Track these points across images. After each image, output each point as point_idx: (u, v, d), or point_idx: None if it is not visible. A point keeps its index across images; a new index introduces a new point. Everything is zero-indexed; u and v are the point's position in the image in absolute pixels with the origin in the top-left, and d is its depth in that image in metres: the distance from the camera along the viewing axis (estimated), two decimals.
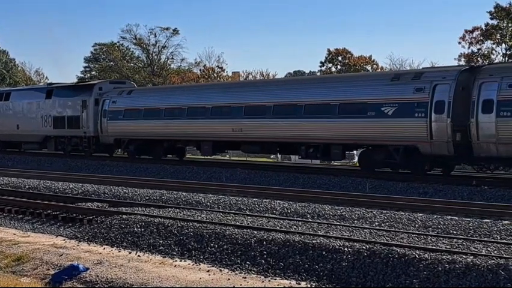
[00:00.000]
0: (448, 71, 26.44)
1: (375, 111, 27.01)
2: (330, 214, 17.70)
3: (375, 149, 28.21)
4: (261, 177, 29.19)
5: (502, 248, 12.80)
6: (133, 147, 39.20)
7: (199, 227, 15.49)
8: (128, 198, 21.79)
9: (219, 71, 79.83)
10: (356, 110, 27.77)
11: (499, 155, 24.05)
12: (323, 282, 12.06)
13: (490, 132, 23.84)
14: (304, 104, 29.72)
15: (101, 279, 12.50)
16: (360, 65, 73.47)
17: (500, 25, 61.45)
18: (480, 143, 24.21)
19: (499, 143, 23.66)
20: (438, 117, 25.22)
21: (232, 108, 32.98)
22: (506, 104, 23.39)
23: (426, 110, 25.46)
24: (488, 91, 23.98)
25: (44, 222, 19.19)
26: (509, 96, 23.36)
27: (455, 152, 25.07)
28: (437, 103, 25.23)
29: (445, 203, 19.96)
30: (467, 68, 27.15)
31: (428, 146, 25.63)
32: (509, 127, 23.41)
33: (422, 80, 26.22)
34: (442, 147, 25.23)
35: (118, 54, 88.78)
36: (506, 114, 23.36)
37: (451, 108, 24.89)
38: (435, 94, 25.31)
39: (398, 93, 26.65)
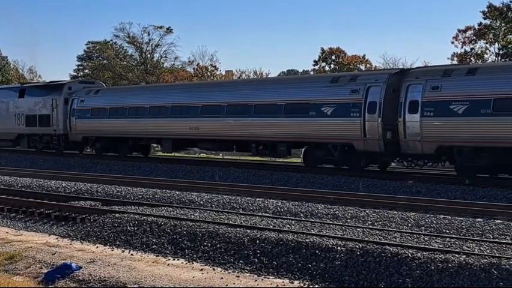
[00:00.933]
0: (380, 74, 28.70)
1: (316, 111, 28.78)
2: (323, 213, 17.72)
3: (317, 147, 29.78)
4: (254, 176, 29.20)
5: (495, 247, 12.85)
6: (99, 145, 40.75)
7: (193, 226, 15.49)
8: (121, 197, 21.76)
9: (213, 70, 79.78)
10: (300, 110, 29.50)
11: (424, 152, 25.86)
12: (316, 281, 12.07)
13: (416, 131, 25.65)
14: (254, 104, 31.52)
15: (94, 278, 12.49)
16: (353, 64, 73.51)
17: (493, 25, 61.61)
18: (407, 141, 26.04)
19: (423, 141, 25.54)
20: (370, 117, 27.01)
21: (190, 108, 34.68)
22: (430, 104, 25.23)
23: (360, 110, 27.29)
24: (414, 93, 25.80)
25: (36, 221, 19.15)
26: (432, 97, 25.21)
27: (385, 149, 26.95)
28: (369, 104, 27.05)
29: (438, 202, 20.01)
30: (398, 71, 29.08)
31: (362, 143, 27.45)
32: (432, 126, 25.24)
33: (358, 82, 28.13)
34: (374, 144, 27.04)
35: (111, 52, 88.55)
36: (430, 114, 25.18)
37: (381, 108, 26.77)
38: (369, 95, 27.17)
39: (336, 94, 28.49)
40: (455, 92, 24.88)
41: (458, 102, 24.59)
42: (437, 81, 25.46)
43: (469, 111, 24.26)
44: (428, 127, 25.30)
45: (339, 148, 28.50)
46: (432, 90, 25.37)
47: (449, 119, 24.80)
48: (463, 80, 25.05)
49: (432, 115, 25.18)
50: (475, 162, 24.68)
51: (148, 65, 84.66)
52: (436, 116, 25.14)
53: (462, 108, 24.47)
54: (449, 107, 24.75)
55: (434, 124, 25.23)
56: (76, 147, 42.86)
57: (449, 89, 25.07)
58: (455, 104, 24.61)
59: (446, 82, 25.30)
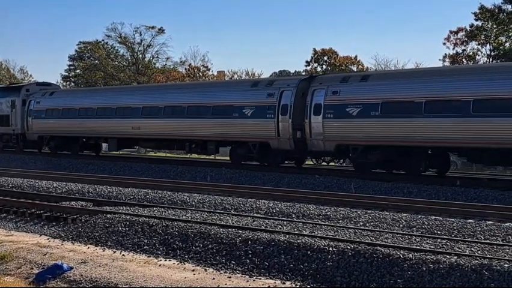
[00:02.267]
0: (292, 80, 32.42)
1: (239, 112, 31.84)
2: (315, 214, 17.74)
3: (240, 145, 32.75)
4: (246, 176, 29.20)
5: (486, 248, 12.88)
6: (53, 144, 43.63)
7: (184, 227, 15.47)
8: (112, 198, 21.72)
9: (204, 70, 79.81)
10: (225, 111, 32.59)
11: (326, 150, 29.10)
12: (308, 281, 12.08)
13: (319, 131, 28.83)
14: (187, 105, 34.64)
15: (86, 279, 12.46)
16: (345, 65, 73.63)
17: (485, 26, 61.83)
18: (312, 140, 29.26)
19: (325, 140, 28.73)
20: (283, 118, 30.14)
21: (132, 109, 37.66)
22: (330, 107, 28.36)
23: (274, 112, 30.41)
24: (318, 97, 28.98)
25: (27, 221, 19.08)
26: (332, 101, 28.37)
27: (295, 147, 30.05)
28: (282, 106, 30.16)
29: (429, 203, 20.05)
30: (307, 77, 32.53)
31: (276, 142, 30.58)
32: (332, 127, 28.36)
33: (273, 87, 31.27)
34: (286, 143, 30.20)
35: (103, 52, 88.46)
36: (330, 116, 28.31)
37: (292, 110, 29.86)
38: (282, 99, 30.31)
39: (255, 97, 31.57)
40: (351, 96, 27.90)
41: (353, 106, 27.60)
42: (336, 87, 28.58)
43: (362, 114, 27.25)
44: (329, 127, 28.42)
45: (257, 146, 31.40)
46: (332, 94, 28.47)
47: (346, 120, 27.85)
48: (357, 85, 28.10)
49: (332, 117, 28.25)
50: (367, 159, 27.54)
51: (140, 65, 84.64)
52: (335, 117, 28.15)
53: (356, 111, 27.51)
54: (345, 109, 27.78)
55: (334, 125, 28.29)
56: (34, 146, 45.24)
57: (346, 93, 28.09)
58: (350, 107, 27.65)
59: (343, 87, 28.40)
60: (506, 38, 62.80)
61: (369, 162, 27.58)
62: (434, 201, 20.87)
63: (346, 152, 28.92)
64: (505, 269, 11.06)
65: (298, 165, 32.46)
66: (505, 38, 62.80)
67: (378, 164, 27.62)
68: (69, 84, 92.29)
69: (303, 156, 31.82)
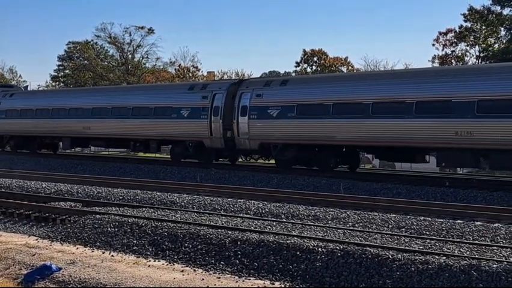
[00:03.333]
0: (223, 83, 35.17)
1: (177, 113, 34.38)
2: (305, 214, 17.75)
3: (178, 144, 35.45)
4: (235, 177, 29.21)
5: (475, 248, 12.93)
6: (13, 143, 46.23)
7: (174, 227, 15.44)
8: (101, 198, 21.66)
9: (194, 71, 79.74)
10: (165, 112, 35.16)
11: (251, 148, 31.82)
12: (297, 282, 12.08)
13: (245, 131, 31.36)
14: (132, 107, 37.17)
15: (74, 279, 12.41)
16: (335, 66, 73.72)
17: (474, 27, 62.10)
18: (239, 139, 31.79)
19: (250, 139, 31.31)
20: (215, 119, 32.66)
21: (84, 110, 40.19)
22: (254, 109, 30.95)
23: (208, 113, 32.97)
24: (244, 99, 31.57)
25: (16, 222, 18.99)
26: (256, 103, 30.96)
27: (225, 145, 32.50)
28: (214, 108, 32.74)
29: (418, 203, 20.10)
30: (236, 81, 35.55)
31: (209, 141, 33.10)
32: (255, 127, 30.97)
33: (207, 90, 34.06)
34: (217, 142, 32.71)
35: (92, 52, 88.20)
36: (254, 116, 30.86)
37: (222, 112, 32.32)
38: (214, 101, 32.85)
39: (191, 100, 34.16)
40: (272, 99, 30.64)
41: (274, 107, 30.34)
42: (260, 90, 31.26)
43: (281, 115, 29.94)
44: (253, 127, 31.09)
45: (193, 145, 33.99)
46: (256, 97, 31.15)
47: (267, 121, 30.53)
48: (278, 89, 30.82)
49: (256, 118, 30.90)
50: (285, 156, 30.38)
51: (129, 66, 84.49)
52: (258, 118, 30.82)
53: (276, 112, 30.22)
54: (267, 111, 30.49)
55: (257, 125, 30.96)
56: None
57: (268, 96, 30.77)
58: (271, 109, 30.38)
59: (266, 91, 31.05)
60: (495, 40, 63.11)
61: (287, 159, 30.46)
62: (423, 201, 20.92)
63: (268, 150, 31.49)
64: (494, 269, 11.11)
65: (232, 162, 34.99)
66: (493, 40, 63.10)
67: (295, 160, 30.45)
68: (58, 85, 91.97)
69: (233, 154, 34.07)
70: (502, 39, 62.68)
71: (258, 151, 32.23)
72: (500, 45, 62.19)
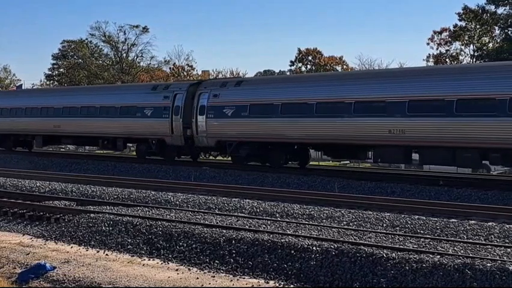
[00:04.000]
0: (184, 84, 36.94)
1: (141, 113, 36.04)
2: (299, 213, 17.76)
3: (142, 141, 37.17)
4: (230, 176, 29.20)
5: (469, 247, 12.96)
6: None
7: (168, 226, 15.44)
8: (96, 197, 21.64)
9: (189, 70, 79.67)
10: (130, 111, 36.75)
11: (209, 145, 33.43)
12: (291, 281, 12.10)
13: (203, 129, 33.00)
14: (100, 106, 38.76)
15: (69, 278, 12.41)
16: (330, 65, 73.72)
17: (469, 26, 62.16)
18: (198, 137, 33.41)
19: (208, 137, 32.91)
20: (176, 118, 34.28)
21: (55, 109, 41.66)
22: (212, 108, 32.65)
23: (169, 112, 34.56)
24: (202, 99, 33.31)
25: (10, 221, 18.97)
26: (213, 103, 32.65)
27: (185, 143, 34.11)
28: (175, 107, 34.37)
29: (412, 202, 20.12)
30: (196, 82, 37.60)
31: (170, 139, 34.72)
32: (213, 125, 32.59)
33: (169, 90, 35.74)
34: (178, 139, 34.34)
35: (87, 51, 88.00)
36: (211, 116, 32.55)
37: (182, 111, 33.96)
38: (175, 101, 34.48)
39: (154, 99, 35.84)
40: (227, 99, 32.26)
41: (229, 107, 31.94)
42: (217, 91, 32.98)
43: (235, 114, 31.60)
44: (210, 126, 32.70)
45: (156, 143, 35.69)
46: (213, 97, 32.83)
47: (223, 119, 32.13)
48: (233, 90, 32.52)
49: (213, 117, 32.56)
50: (239, 153, 32.02)
51: (124, 64, 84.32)
52: (215, 117, 32.45)
53: (231, 112, 31.85)
54: (223, 110, 32.15)
55: (214, 124, 32.56)
56: None
57: (224, 96, 32.43)
58: (227, 108, 32.00)
59: (222, 91, 32.77)
60: (489, 39, 63.19)
61: (242, 156, 32.13)
62: (418, 200, 20.95)
63: (225, 147, 32.96)
64: (488, 268, 11.14)
65: (194, 159, 36.58)
66: (488, 39, 63.18)
67: (249, 157, 32.10)
68: (53, 83, 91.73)
69: (192, 151, 35.64)
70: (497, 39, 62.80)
71: (215, 148, 33.95)
72: (495, 45, 62.30)
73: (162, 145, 35.37)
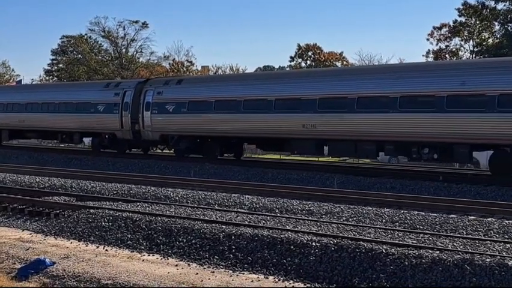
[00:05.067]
0: (132, 82, 40.46)
1: (94, 109, 39.14)
2: (298, 209, 17.77)
3: (96, 136, 40.35)
4: (229, 172, 29.20)
5: (468, 243, 12.97)
6: None
7: (168, 222, 15.44)
8: (95, 193, 21.63)
9: (189, 65, 79.63)
10: (85, 107, 39.79)
11: (154, 139, 36.62)
12: (291, 276, 12.11)
13: (148, 124, 36.09)
14: (59, 102, 41.83)
15: (68, 274, 12.41)
16: (330, 61, 73.68)
17: (468, 22, 62.17)
18: (144, 131, 36.50)
19: (153, 131, 36.01)
20: (125, 114, 37.31)
21: (20, 105, 44.83)
22: (156, 105, 35.77)
23: (119, 108, 37.59)
24: (148, 96, 36.41)
25: (10, 216, 18.96)
26: (157, 100, 35.82)
27: (134, 137, 37.20)
28: (125, 104, 37.47)
29: (412, 198, 20.13)
30: (143, 80, 41.13)
31: (120, 133, 37.89)
32: (157, 120, 35.61)
33: (119, 87, 38.86)
34: (127, 134, 37.48)
35: (86, 46, 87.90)
36: (155, 111, 35.68)
37: (131, 107, 37.04)
38: (125, 98, 37.64)
39: (106, 96, 38.97)
40: (169, 96, 35.35)
41: (170, 104, 35.02)
42: (161, 88, 36.20)
43: (175, 110, 34.67)
44: (155, 121, 35.71)
45: (107, 137, 38.94)
46: (157, 94, 35.97)
47: (165, 115, 35.18)
48: (174, 87, 35.81)
49: (157, 112, 35.62)
50: (180, 146, 35.07)
51: (123, 60, 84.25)
52: (159, 113, 35.49)
53: (172, 108, 34.95)
54: (165, 107, 35.26)
55: (158, 119, 35.58)
56: None
57: (167, 94, 35.58)
58: (168, 105, 35.11)
59: (165, 89, 35.97)
60: (489, 34, 63.21)
61: (182, 148, 35.12)
62: (417, 196, 20.96)
63: (167, 141, 36.12)
64: (487, 263, 11.15)
65: (144, 152, 39.30)
66: (488, 34, 63.21)
67: (189, 149, 35.00)
68: (52, 79, 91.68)
69: (140, 144, 38.63)
70: (496, 34, 62.81)
71: (160, 142, 37.10)
72: (495, 40, 62.34)
73: (114, 139, 38.51)
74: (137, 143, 38.28)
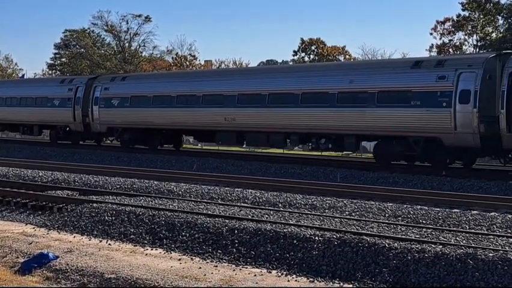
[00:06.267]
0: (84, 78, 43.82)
1: (51, 103, 42.67)
2: (302, 203, 17.77)
3: (53, 128, 43.90)
4: (232, 166, 29.22)
5: (471, 237, 12.96)
6: None
7: (171, 216, 15.46)
8: (99, 187, 21.65)
9: (191, 59, 79.55)
10: (42, 102, 43.43)
11: (101, 131, 40.00)
12: (293, 270, 12.11)
13: (97, 117, 39.55)
14: (20, 97, 45.79)
15: (71, 268, 12.43)
16: (333, 55, 73.60)
17: (472, 16, 62.00)
18: (93, 124, 39.95)
19: (101, 124, 39.65)
20: (77, 108, 41.12)
21: None
22: (103, 99, 39.24)
23: (72, 103, 41.39)
24: (97, 92, 39.97)
25: (13, 210, 18.99)
26: (104, 95, 39.34)
27: (85, 129, 40.89)
28: (77, 98, 41.07)
29: (415, 192, 20.14)
30: (94, 76, 44.34)
31: (73, 125, 41.67)
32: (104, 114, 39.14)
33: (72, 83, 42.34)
34: (79, 126, 41.14)
35: (89, 40, 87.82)
36: (103, 106, 39.24)
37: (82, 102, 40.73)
38: (77, 93, 41.25)
39: (61, 92, 42.39)
40: (115, 91, 38.94)
41: (115, 99, 38.58)
42: (107, 84, 39.94)
43: (120, 104, 38.29)
44: (102, 115, 39.25)
45: (62, 129, 42.56)
46: (105, 90, 39.54)
47: (111, 109, 38.75)
48: (119, 84, 39.54)
49: (104, 107, 39.21)
50: (124, 138, 38.64)
51: (126, 54, 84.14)
52: (105, 107, 39.08)
53: (117, 102, 38.54)
54: (111, 101, 38.83)
55: (105, 113, 39.08)
56: None
57: (112, 89, 39.21)
58: (114, 100, 38.62)
59: (111, 85, 39.64)
60: (492, 29, 63.02)
61: (126, 139, 38.50)
62: (420, 190, 20.98)
63: (113, 133, 39.52)
64: (490, 258, 11.14)
65: (97, 143, 42.71)
66: (491, 29, 63.03)
67: (133, 141, 38.28)
68: (55, 73, 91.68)
69: (90, 136, 42.03)
70: (500, 28, 62.64)
71: (107, 134, 40.50)
72: (498, 34, 62.16)
73: (69, 131, 42.35)
74: (88, 135, 41.94)
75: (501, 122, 23.88)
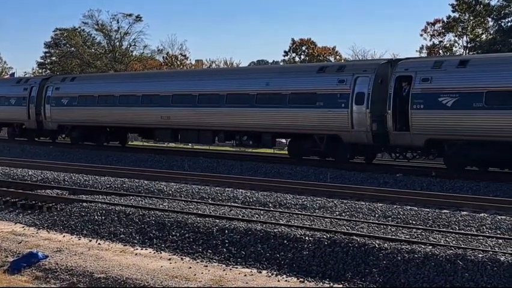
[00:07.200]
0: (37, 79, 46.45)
1: (8, 102, 44.56)
2: (292, 203, 17.79)
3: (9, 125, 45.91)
4: (223, 166, 29.18)
5: (460, 238, 13.02)
6: None
7: (161, 216, 15.44)
8: (88, 186, 21.59)
9: (182, 59, 79.47)
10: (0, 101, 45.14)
11: (53, 129, 41.88)
12: (284, 270, 12.12)
13: (48, 115, 41.49)
14: None
15: (61, 267, 12.40)
16: (323, 56, 73.67)
17: (462, 18, 62.15)
18: (46, 122, 41.72)
19: (52, 122, 41.34)
20: (31, 106, 42.52)
21: None
22: (54, 99, 41.02)
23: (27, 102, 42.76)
24: (49, 91, 41.56)
25: (2, 209, 18.90)
26: (56, 94, 41.08)
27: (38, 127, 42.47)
28: (31, 98, 42.68)
29: (405, 193, 20.17)
30: (46, 77, 46.56)
31: (28, 123, 43.05)
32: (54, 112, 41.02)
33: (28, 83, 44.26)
34: (33, 124, 42.76)
35: (79, 40, 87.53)
36: (54, 105, 41.07)
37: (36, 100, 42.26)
38: (32, 92, 42.79)
39: (17, 91, 44.29)
40: (64, 91, 40.86)
41: (65, 98, 40.47)
42: (58, 84, 41.63)
43: (69, 103, 40.06)
44: (53, 113, 41.04)
45: (18, 126, 44.47)
46: (56, 90, 41.17)
47: (61, 108, 40.44)
48: (68, 84, 41.37)
49: (55, 105, 40.91)
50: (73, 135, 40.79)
51: (117, 53, 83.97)
52: (56, 106, 40.75)
53: (66, 101, 40.33)
54: (61, 100, 40.59)
55: (56, 111, 40.78)
56: None
57: (62, 89, 41.08)
58: (64, 99, 40.50)
59: (62, 85, 41.44)
60: (482, 30, 63.20)
61: (75, 137, 40.75)
62: (410, 191, 21.01)
63: (64, 130, 41.87)
64: (479, 258, 11.19)
65: (53, 140, 43.42)
66: (481, 30, 63.20)
67: (81, 138, 40.39)
68: (45, 72, 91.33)
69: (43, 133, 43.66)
70: (490, 30, 62.85)
71: (58, 131, 42.42)
72: (488, 36, 62.35)
73: (24, 129, 43.99)
74: (41, 132, 43.52)
75: (388, 121, 26.07)
